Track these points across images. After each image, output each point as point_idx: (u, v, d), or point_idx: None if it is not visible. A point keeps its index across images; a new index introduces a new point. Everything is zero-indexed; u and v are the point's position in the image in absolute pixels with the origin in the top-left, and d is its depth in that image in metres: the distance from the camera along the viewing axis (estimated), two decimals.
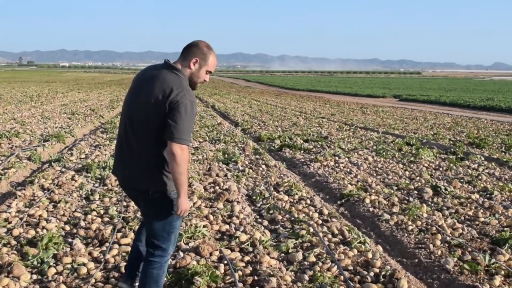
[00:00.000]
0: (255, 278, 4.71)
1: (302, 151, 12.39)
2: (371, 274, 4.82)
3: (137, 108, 3.44)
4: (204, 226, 6.06)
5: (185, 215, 3.53)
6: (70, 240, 5.61)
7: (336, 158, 11.23)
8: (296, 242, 5.69)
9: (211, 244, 5.39)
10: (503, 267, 5.04)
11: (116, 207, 6.91)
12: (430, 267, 5.27)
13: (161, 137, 3.32)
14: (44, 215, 6.51)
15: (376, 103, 36.79)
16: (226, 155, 11.15)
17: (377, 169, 10.30)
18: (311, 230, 6.00)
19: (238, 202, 7.32)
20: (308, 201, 7.55)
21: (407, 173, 9.90)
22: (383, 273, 4.79)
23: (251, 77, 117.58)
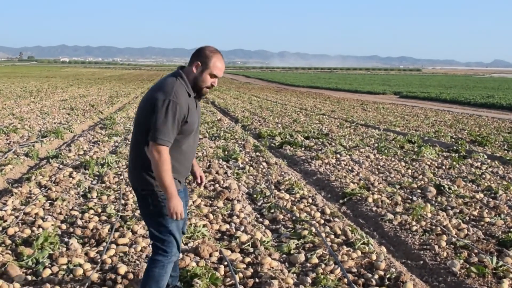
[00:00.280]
0: (256, 280, 4.58)
1: (303, 148, 12.25)
2: (376, 276, 4.68)
3: (137, 111, 3.53)
4: (203, 226, 5.92)
5: (179, 218, 3.39)
6: (66, 239, 5.47)
7: (337, 155, 11.10)
8: (298, 242, 5.56)
9: (211, 245, 5.26)
10: (511, 270, 4.90)
11: (114, 206, 6.77)
12: (435, 269, 5.13)
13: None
14: (40, 213, 6.37)
15: (376, 100, 36.63)
16: (226, 152, 11.01)
17: (379, 167, 10.16)
18: (313, 230, 5.87)
19: (238, 201, 7.19)
20: (309, 200, 7.42)
21: (410, 171, 9.76)
22: (388, 275, 4.65)
23: (251, 73, 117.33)
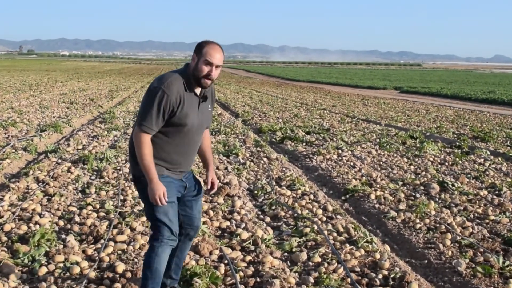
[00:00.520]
0: (257, 280, 4.47)
1: (304, 144, 12.14)
2: (380, 276, 4.57)
3: None
4: (203, 223, 5.81)
5: (159, 203, 3.41)
6: (63, 236, 5.36)
7: (339, 151, 10.98)
8: (300, 240, 5.45)
9: (211, 243, 5.15)
10: None
11: (112, 201, 6.66)
12: (440, 268, 5.02)
13: None
14: (37, 209, 6.26)
15: (377, 95, 36.49)
16: (227, 147, 10.90)
17: (381, 163, 10.05)
18: (315, 228, 5.76)
19: (239, 197, 7.08)
20: (311, 196, 7.31)
21: (412, 167, 9.65)
22: (392, 275, 4.54)
23: (251, 67, 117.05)
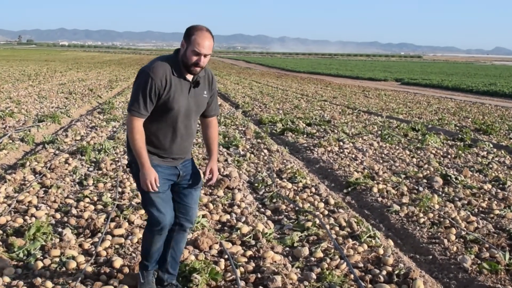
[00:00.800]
0: (258, 275, 4.35)
1: (305, 135, 12.00)
2: (384, 272, 4.45)
3: None
4: (203, 216, 5.69)
5: (150, 189, 3.42)
6: (60, 229, 5.24)
7: (340, 143, 10.85)
8: (302, 235, 5.33)
9: (210, 237, 5.03)
10: None
11: (110, 194, 6.54)
12: (445, 264, 4.91)
13: None
14: (34, 201, 6.14)
15: (378, 86, 36.30)
16: (227, 139, 10.77)
17: (383, 155, 9.93)
18: (317, 222, 5.64)
19: (239, 190, 6.95)
20: (313, 189, 7.18)
21: (415, 160, 9.53)
22: (396, 272, 4.42)
23: (252, 58, 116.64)
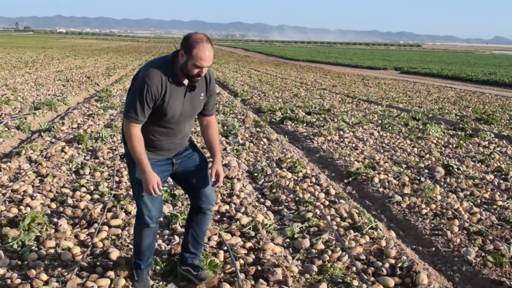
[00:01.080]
0: (258, 268, 4.24)
1: (305, 124, 11.88)
2: (386, 265, 4.35)
3: None
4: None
5: (152, 193, 3.42)
6: (55, 220, 5.13)
7: (340, 132, 10.73)
8: (302, 226, 5.23)
9: (209, 228, 4.92)
10: None
11: (107, 183, 6.43)
12: (449, 257, 4.81)
13: None
14: (29, 190, 6.02)
15: (377, 75, 36.12)
16: (225, 127, 10.64)
17: (383, 145, 9.81)
18: (318, 213, 5.54)
19: (238, 179, 6.84)
20: (313, 179, 7.07)
21: (416, 150, 9.42)
22: (399, 264, 4.32)
23: (250, 46, 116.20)
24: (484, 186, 7.06)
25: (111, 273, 3.95)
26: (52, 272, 3.98)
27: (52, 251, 4.36)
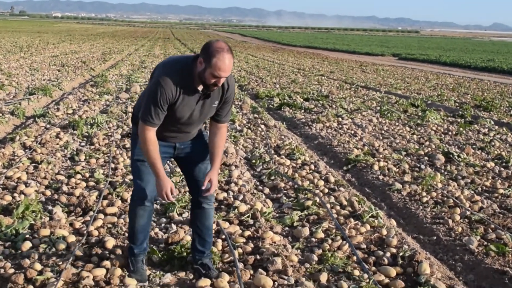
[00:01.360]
0: (257, 257, 4.16)
1: (303, 111, 11.77)
2: (388, 254, 4.27)
3: None
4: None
5: (165, 199, 3.45)
6: (50, 207, 5.03)
7: (339, 118, 10.63)
8: (301, 214, 5.14)
9: None
10: None
11: (103, 170, 6.33)
12: (450, 246, 4.74)
13: None
14: (23, 177, 5.91)
15: (375, 61, 35.96)
16: None
17: (383, 131, 9.72)
18: (317, 201, 5.45)
19: (236, 166, 6.74)
20: (312, 166, 6.98)
21: (415, 137, 9.34)
22: (401, 254, 4.24)
23: (247, 32, 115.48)
24: (485, 174, 6.99)
25: (107, 262, 3.86)
26: (47, 262, 3.89)
27: (47, 239, 4.26)
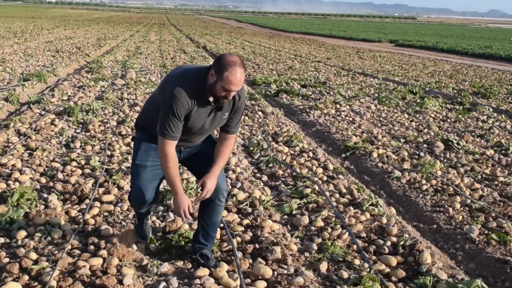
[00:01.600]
0: (256, 246, 4.10)
1: (300, 97, 11.68)
2: (388, 243, 4.22)
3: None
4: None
5: (183, 216, 3.47)
6: (45, 195, 4.95)
7: (337, 105, 10.55)
8: (300, 202, 5.08)
9: None
10: None
11: (98, 157, 6.24)
12: (451, 234, 4.69)
13: None
14: (18, 164, 5.81)
15: (372, 47, 35.77)
16: None
17: (381, 119, 9.65)
18: (316, 188, 5.39)
19: (233, 154, 6.67)
20: (310, 153, 6.91)
21: (414, 124, 9.27)
22: (401, 243, 4.18)
23: (243, 17, 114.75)
24: (484, 161, 6.94)
25: (103, 251, 3.79)
26: (42, 251, 3.81)
27: (42, 228, 4.18)
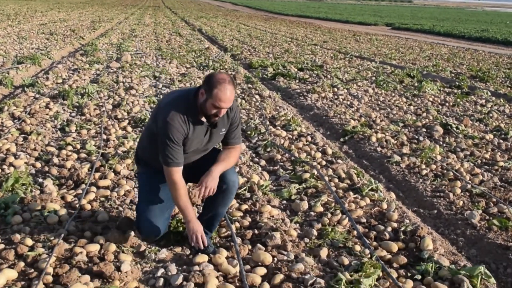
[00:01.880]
0: (256, 232, 4.05)
1: (297, 81, 11.57)
2: (389, 229, 4.17)
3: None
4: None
5: (195, 242, 3.49)
6: (40, 180, 4.87)
7: (334, 89, 10.45)
8: (299, 187, 5.02)
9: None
10: None
11: (94, 141, 6.15)
12: (452, 220, 4.65)
13: None
14: (12, 149, 5.72)
15: (368, 31, 35.56)
16: None
17: (379, 102, 9.57)
18: (315, 173, 5.32)
19: None
20: (308, 138, 6.84)
21: (412, 108, 9.19)
22: (402, 228, 4.14)
23: (238, 0, 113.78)
24: (484, 146, 6.89)
25: (100, 237, 3.73)
26: (38, 237, 3.74)
27: (38, 213, 4.11)
